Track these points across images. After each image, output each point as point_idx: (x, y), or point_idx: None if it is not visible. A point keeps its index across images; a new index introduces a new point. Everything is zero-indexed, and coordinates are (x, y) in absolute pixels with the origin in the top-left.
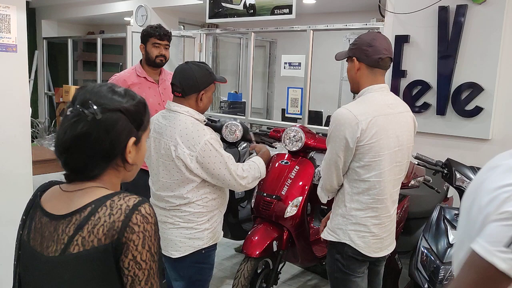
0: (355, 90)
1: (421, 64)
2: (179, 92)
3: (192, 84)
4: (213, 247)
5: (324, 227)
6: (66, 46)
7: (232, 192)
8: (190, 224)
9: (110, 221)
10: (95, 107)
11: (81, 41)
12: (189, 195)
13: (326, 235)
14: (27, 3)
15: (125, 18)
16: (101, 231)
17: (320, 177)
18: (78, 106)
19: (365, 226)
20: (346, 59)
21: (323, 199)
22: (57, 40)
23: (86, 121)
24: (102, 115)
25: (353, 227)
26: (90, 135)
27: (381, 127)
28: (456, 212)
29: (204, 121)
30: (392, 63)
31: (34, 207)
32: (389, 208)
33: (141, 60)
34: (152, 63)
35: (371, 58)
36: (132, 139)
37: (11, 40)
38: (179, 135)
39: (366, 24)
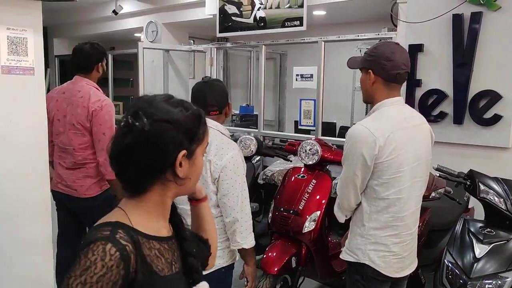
0: (368, 101)
1: (436, 73)
2: (215, 110)
3: (226, 100)
4: (232, 266)
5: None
6: None
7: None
8: None
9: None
10: (144, 118)
11: None
12: (212, 210)
13: (344, 255)
14: None
15: (136, 34)
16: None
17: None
18: (129, 117)
19: (385, 245)
20: (360, 68)
21: (341, 218)
22: (69, 57)
23: (133, 132)
24: (150, 126)
25: (373, 247)
26: (135, 147)
27: (399, 143)
28: (481, 224)
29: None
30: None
31: None
32: (410, 225)
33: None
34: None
35: (389, 73)
36: (183, 152)
37: (28, 63)
38: (209, 146)
39: (378, 34)
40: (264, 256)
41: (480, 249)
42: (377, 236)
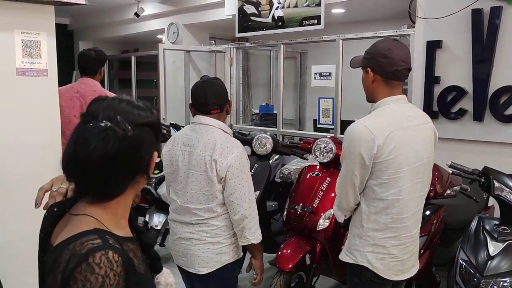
0: (371, 100)
1: (455, 69)
2: (216, 109)
3: (226, 97)
4: (237, 262)
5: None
6: None
7: (264, 205)
8: (216, 239)
9: (64, 268)
10: (126, 123)
11: (116, 59)
12: (218, 208)
13: (343, 256)
14: (65, 26)
15: (158, 36)
16: (59, 277)
17: None
18: (105, 121)
19: (384, 247)
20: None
21: (340, 218)
22: None
23: (116, 138)
24: (133, 132)
25: (371, 249)
26: (117, 153)
27: (399, 142)
28: (496, 222)
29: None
30: (424, 69)
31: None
32: (411, 227)
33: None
34: None
35: (387, 70)
36: (156, 153)
37: (41, 65)
38: (213, 145)
39: (396, 31)
40: (279, 253)
41: (494, 247)
42: (376, 238)
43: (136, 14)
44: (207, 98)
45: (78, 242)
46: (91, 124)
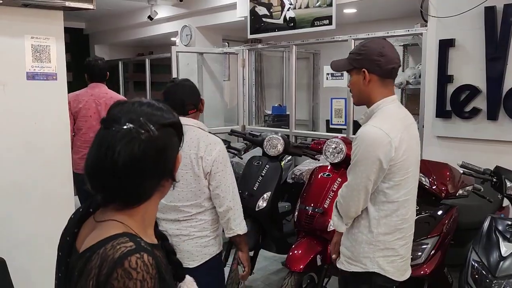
0: (363, 103)
1: (468, 68)
2: (193, 109)
3: (199, 97)
4: (221, 253)
5: (336, 253)
6: (117, 68)
7: (276, 206)
8: (204, 232)
9: (97, 274)
10: (150, 125)
11: (132, 62)
12: (205, 203)
13: (347, 266)
14: (81, 30)
15: (172, 39)
16: (91, 284)
17: None
18: (128, 124)
19: (393, 249)
20: (348, 70)
21: (341, 227)
22: (109, 63)
23: (141, 140)
24: (158, 132)
25: (382, 253)
26: (147, 156)
27: (408, 142)
28: (509, 222)
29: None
30: (437, 68)
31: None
32: (413, 226)
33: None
34: None
35: (384, 68)
36: (180, 155)
37: (51, 69)
38: (197, 143)
39: (408, 31)
40: (290, 254)
41: (506, 248)
42: (386, 242)
43: (150, 18)
44: (183, 100)
45: (108, 246)
46: (113, 129)
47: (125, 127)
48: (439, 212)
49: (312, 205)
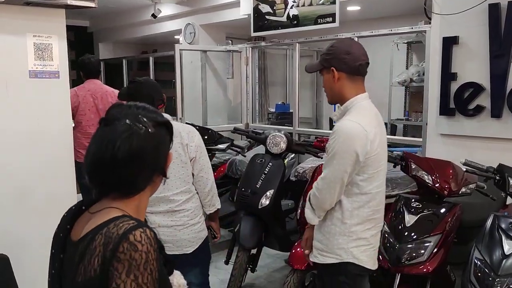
0: (336, 101)
1: (472, 65)
2: (161, 104)
3: (161, 90)
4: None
5: (308, 249)
6: (121, 66)
7: (279, 204)
8: (195, 219)
9: (102, 251)
10: (148, 122)
11: (135, 60)
12: (192, 188)
13: (322, 258)
14: (85, 28)
15: (176, 36)
16: (96, 262)
17: None
18: (127, 121)
19: (365, 239)
20: (319, 71)
21: (313, 220)
22: (113, 61)
23: (139, 135)
24: (154, 129)
25: (355, 244)
26: (144, 150)
27: (380, 137)
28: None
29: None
30: (441, 65)
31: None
32: (382, 217)
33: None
34: None
35: (351, 65)
36: (171, 154)
37: (53, 67)
38: (178, 133)
39: (412, 28)
40: (292, 251)
41: (509, 246)
42: (358, 232)
43: (153, 15)
44: (153, 96)
45: (111, 225)
46: (114, 125)
47: (123, 123)
48: (442, 210)
49: None
